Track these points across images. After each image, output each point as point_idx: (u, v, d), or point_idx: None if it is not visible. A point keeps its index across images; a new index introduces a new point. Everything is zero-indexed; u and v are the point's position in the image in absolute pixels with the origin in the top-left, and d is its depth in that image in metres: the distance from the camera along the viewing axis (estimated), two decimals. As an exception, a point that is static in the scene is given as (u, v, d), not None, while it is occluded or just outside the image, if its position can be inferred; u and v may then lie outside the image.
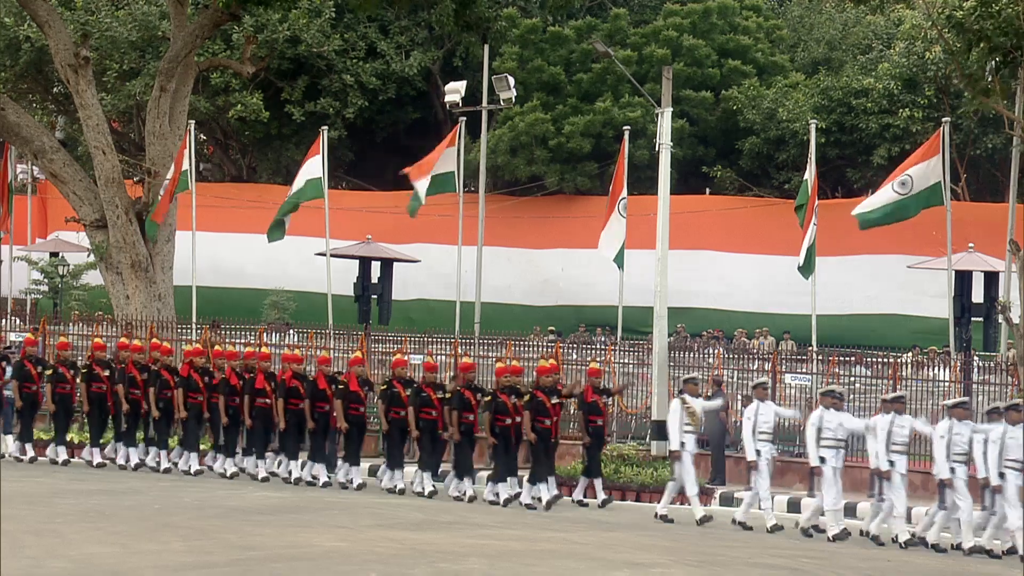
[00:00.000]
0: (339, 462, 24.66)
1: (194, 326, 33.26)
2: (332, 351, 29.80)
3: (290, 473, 24.62)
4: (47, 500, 20.57)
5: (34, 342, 27.23)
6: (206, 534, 17.47)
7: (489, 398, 23.19)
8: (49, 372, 26.20)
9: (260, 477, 24.69)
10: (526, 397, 22.89)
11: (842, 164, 45.87)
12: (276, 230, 34.95)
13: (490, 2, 34.03)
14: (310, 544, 16.85)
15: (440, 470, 24.12)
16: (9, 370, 26.54)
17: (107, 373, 25.99)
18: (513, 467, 23.18)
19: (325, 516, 19.86)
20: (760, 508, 21.79)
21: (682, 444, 21.99)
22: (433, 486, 23.52)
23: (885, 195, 31.68)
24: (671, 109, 28.63)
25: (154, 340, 27.28)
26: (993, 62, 25.59)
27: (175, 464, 25.60)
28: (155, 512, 19.60)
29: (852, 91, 45.05)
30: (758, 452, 21.73)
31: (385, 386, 24.07)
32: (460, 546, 17.18)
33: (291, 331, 35.84)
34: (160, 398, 25.45)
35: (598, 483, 23.79)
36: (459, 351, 29.90)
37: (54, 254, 43.94)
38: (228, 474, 24.98)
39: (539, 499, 22.72)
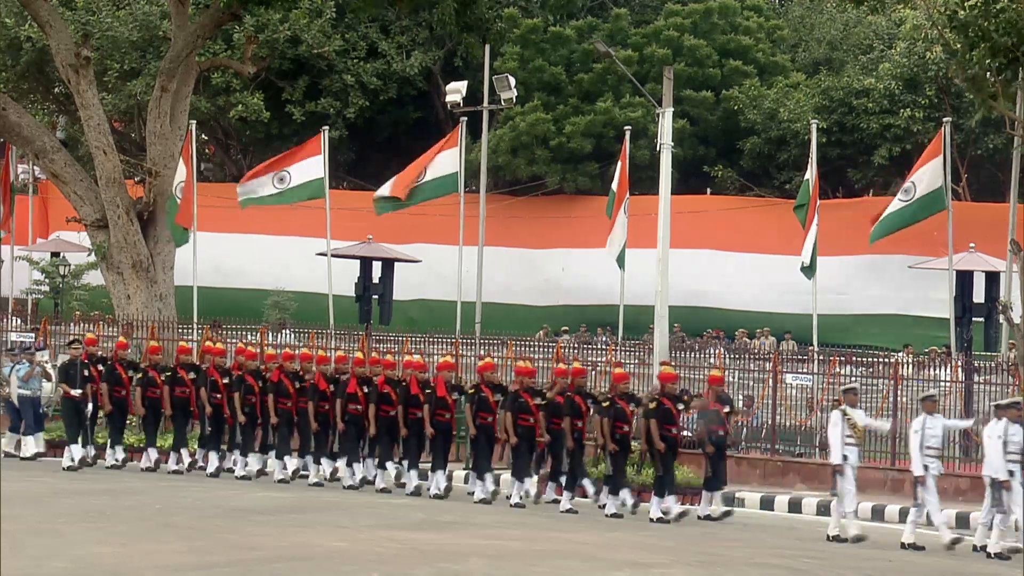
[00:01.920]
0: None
1: (195, 326, 33.24)
2: (333, 351, 29.76)
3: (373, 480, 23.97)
4: (48, 500, 20.57)
5: (126, 345, 26.53)
6: (207, 534, 17.48)
7: (608, 404, 22.26)
8: (139, 376, 25.58)
9: (346, 485, 23.98)
10: (651, 405, 22.04)
11: (843, 164, 45.86)
12: (252, 201, 35.23)
13: (491, 2, 33.97)
14: (311, 544, 16.85)
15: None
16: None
17: (192, 376, 25.46)
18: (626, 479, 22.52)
19: (326, 516, 19.86)
20: (930, 524, 20.87)
21: (844, 457, 20.89)
22: (524, 495, 22.73)
23: (892, 206, 31.85)
24: (672, 109, 28.61)
25: (239, 344, 26.62)
26: (995, 63, 25.54)
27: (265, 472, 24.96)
28: (156, 512, 19.61)
29: (853, 91, 45.05)
30: (925, 467, 20.54)
31: (473, 390, 23.20)
32: (461, 546, 17.18)
33: (286, 331, 35.73)
34: (245, 403, 24.84)
35: (717, 496, 22.86)
36: (460, 351, 29.89)
37: (55, 254, 43.93)
38: (320, 482, 24.28)
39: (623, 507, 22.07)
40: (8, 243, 40.76)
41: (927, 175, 31.47)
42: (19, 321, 37.36)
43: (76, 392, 25.29)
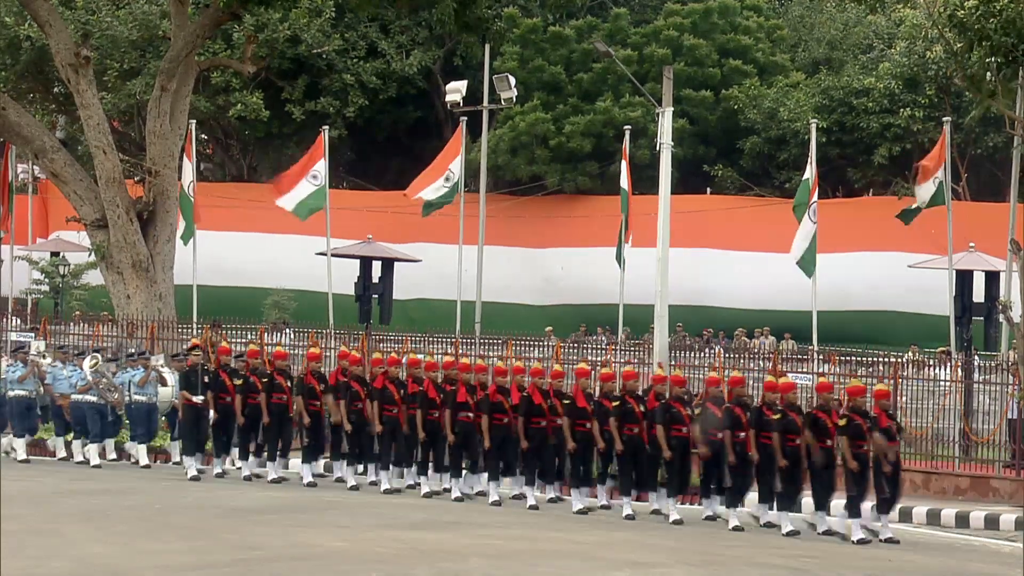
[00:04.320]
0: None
1: (195, 326, 33.24)
2: (332, 351, 29.75)
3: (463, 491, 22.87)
4: (48, 500, 20.59)
5: (229, 351, 25.54)
6: (207, 534, 17.48)
7: (779, 416, 20.93)
8: (240, 383, 24.40)
9: (454, 497, 22.88)
10: (842, 421, 20.67)
11: (843, 164, 45.90)
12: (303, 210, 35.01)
13: (490, 2, 34.00)
14: (311, 544, 16.85)
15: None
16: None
17: (289, 383, 24.45)
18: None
19: (326, 516, 19.86)
20: None
21: None
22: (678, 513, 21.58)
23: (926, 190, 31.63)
24: (672, 109, 28.59)
25: (343, 349, 25.69)
26: (994, 62, 25.55)
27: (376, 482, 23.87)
28: (156, 512, 19.62)
29: (853, 91, 45.08)
30: None
31: (618, 402, 21.82)
32: (462, 546, 17.17)
33: (287, 330, 35.69)
34: (351, 410, 23.56)
35: (884, 517, 20.98)
36: (459, 350, 29.87)
37: (55, 254, 43.93)
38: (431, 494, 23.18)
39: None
40: (8, 243, 40.74)
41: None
42: (19, 321, 37.35)
43: (198, 399, 24.61)
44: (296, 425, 24.52)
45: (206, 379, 24.71)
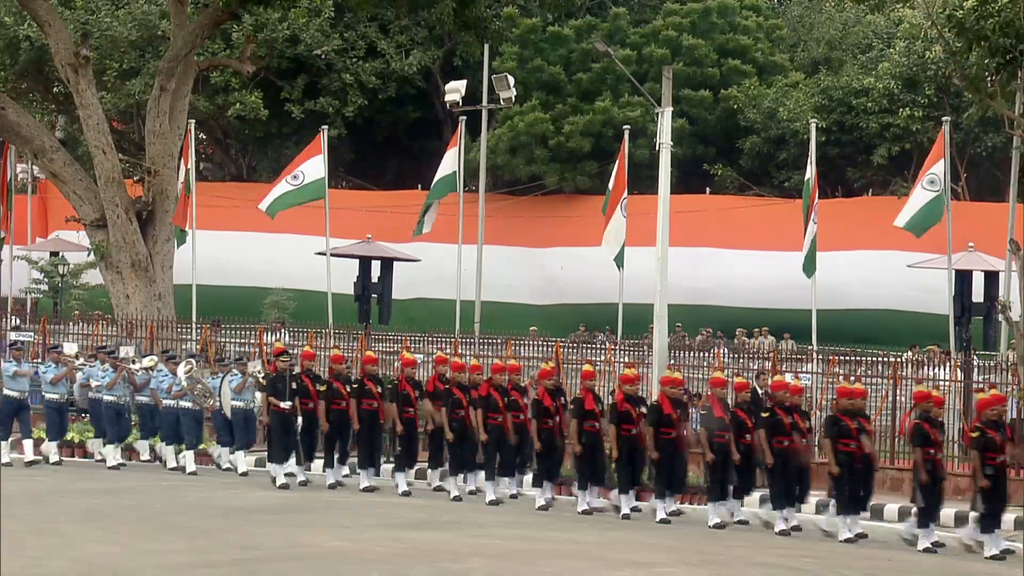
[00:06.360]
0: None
1: (194, 325, 33.26)
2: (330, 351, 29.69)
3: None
4: (48, 500, 20.59)
5: (312, 355, 25.07)
6: (207, 534, 17.49)
7: (940, 429, 20.57)
8: (324, 388, 23.99)
9: (579, 510, 21.92)
10: (977, 434, 20.02)
11: (842, 163, 45.89)
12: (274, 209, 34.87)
13: (489, 1, 34.02)
14: (312, 544, 16.87)
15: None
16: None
17: (380, 389, 23.99)
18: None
19: (326, 516, 19.88)
20: None
21: None
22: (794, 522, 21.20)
23: (920, 197, 31.47)
24: (671, 108, 28.61)
25: (439, 354, 25.08)
26: (993, 62, 25.57)
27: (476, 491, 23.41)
28: (156, 512, 19.63)
29: (852, 90, 45.08)
30: None
31: (768, 414, 21.33)
32: (462, 546, 17.19)
33: (283, 330, 35.63)
34: (452, 418, 22.99)
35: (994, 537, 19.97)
36: (459, 350, 29.87)
37: (54, 253, 43.91)
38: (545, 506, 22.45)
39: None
40: (7, 243, 40.73)
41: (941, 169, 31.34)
42: (18, 320, 37.35)
43: (285, 405, 23.98)
44: (387, 432, 24.17)
45: (294, 385, 24.18)
